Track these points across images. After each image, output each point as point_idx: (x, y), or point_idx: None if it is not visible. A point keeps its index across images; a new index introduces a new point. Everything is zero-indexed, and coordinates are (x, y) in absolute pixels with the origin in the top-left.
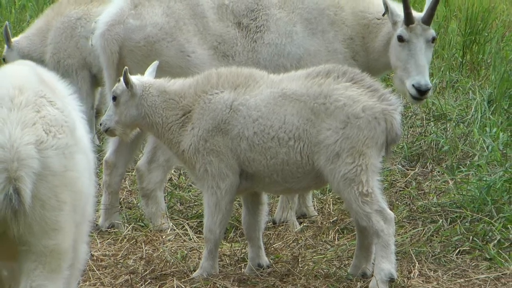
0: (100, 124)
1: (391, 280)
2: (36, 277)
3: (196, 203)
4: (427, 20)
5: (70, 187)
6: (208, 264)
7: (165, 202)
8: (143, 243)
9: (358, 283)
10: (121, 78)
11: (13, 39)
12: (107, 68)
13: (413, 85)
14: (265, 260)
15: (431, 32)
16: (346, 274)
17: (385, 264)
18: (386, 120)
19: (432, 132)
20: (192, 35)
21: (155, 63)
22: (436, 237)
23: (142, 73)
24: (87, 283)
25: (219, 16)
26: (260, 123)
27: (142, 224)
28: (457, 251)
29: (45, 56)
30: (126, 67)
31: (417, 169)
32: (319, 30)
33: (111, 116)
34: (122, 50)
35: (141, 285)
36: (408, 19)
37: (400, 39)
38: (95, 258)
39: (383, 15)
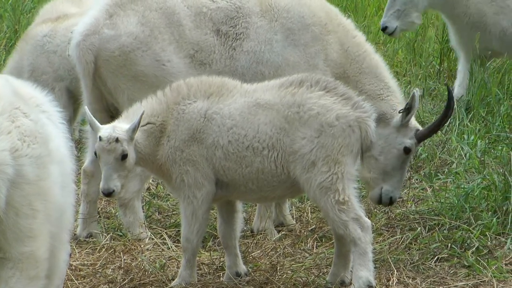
0: (103, 193)
1: (370, 286)
2: (13, 285)
3: (174, 212)
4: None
5: (43, 196)
6: (186, 273)
7: (143, 212)
8: (121, 253)
9: None
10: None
11: None
12: (83, 78)
13: (390, 197)
14: (243, 268)
15: None
16: (325, 282)
17: (363, 272)
18: (360, 127)
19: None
20: (167, 43)
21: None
22: (415, 244)
23: (118, 83)
24: None
25: (196, 24)
26: (235, 132)
27: (121, 234)
28: (435, 258)
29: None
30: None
31: None
32: (301, 43)
33: (115, 180)
34: (98, 60)
35: None
36: (424, 138)
37: (406, 151)
38: (73, 267)
39: (400, 112)
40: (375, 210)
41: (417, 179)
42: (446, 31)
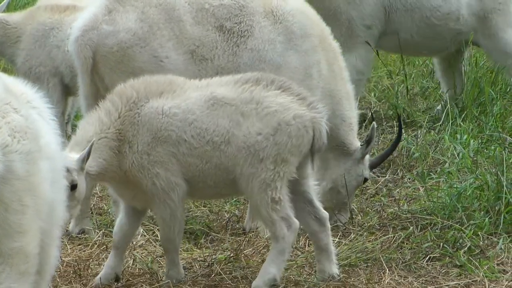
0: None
1: (274, 285)
2: (3, 280)
3: None
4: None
5: (33, 192)
6: (173, 271)
7: None
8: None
9: None
10: None
11: None
12: (81, 74)
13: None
14: (120, 270)
15: None
16: (316, 281)
17: (272, 269)
18: (314, 128)
19: (403, 139)
20: (166, 39)
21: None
22: (407, 244)
23: (116, 79)
24: None
25: (197, 19)
26: (196, 126)
27: (113, 230)
28: (427, 258)
29: (16, 58)
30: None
31: (387, 175)
32: (302, 49)
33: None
34: (96, 55)
35: None
36: (376, 167)
37: (365, 181)
38: (65, 263)
39: (361, 145)
40: (367, 209)
41: (409, 178)
42: None
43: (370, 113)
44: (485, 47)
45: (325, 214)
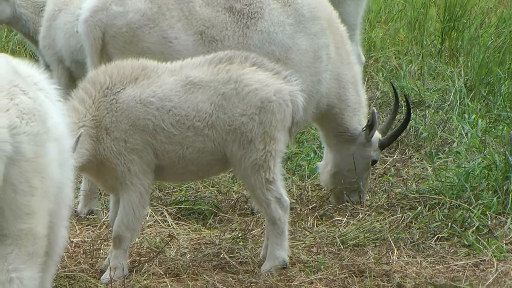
0: None
1: (284, 266)
2: (12, 261)
3: (175, 189)
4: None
5: (41, 173)
6: (120, 264)
7: None
8: None
9: (337, 269)
10: None
11: None
12: (90, 55)
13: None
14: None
15: None
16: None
17: (279, 252)
18: (293, 101)
19: (411, 118)
20: (175, 20)
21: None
22: (415, 223)
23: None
24: (66, 269)
25: (207, 0)
26: (175, 113)
27: None
28: (435, 237)
29: (38, 35)
30: None
31: (395, 155)
32: (311, 32)
33: None
34: (105, 36)
35: None
36: (387, 146)
37: (373, 162)
38: (74, 244)
39: (363, 130)
40: (376, 188)
41: (417, 158)
42: (447, 10)
43: (401, 97)
44: None
45: None
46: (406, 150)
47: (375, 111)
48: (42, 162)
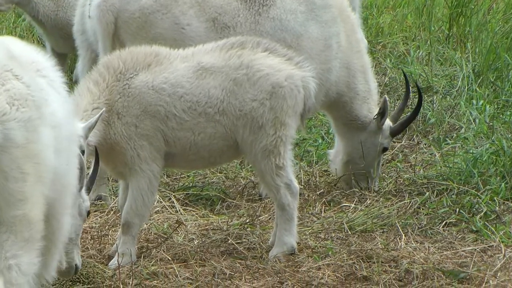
0: None
1: (292, 252)
2: (9, 247)
3: (183, 175)
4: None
5: (33, 159)
6: (128, 251)
7: None
8: None
9: (344, 255)
10: None
11: None
12: (102, 40)
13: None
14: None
15: None
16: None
17: (287, 238)
18: (304, 87)
19: None
20: (188, 7)
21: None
22: (423, 209)
23: (137, 45)
24: None
25: None
26: (186, 99)
27: None
28: (443, 223)
29: (47, 19)
30: None
31: (403, 141)
32: (323, 20)
33: None
34: (118, 21)
35: None
36: (398, 133)
37: (385, 150)
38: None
39: (374, 117)
40: (383, 174)
41: (425, 144)
42: None
43: (414, 85)
44: None
45: None
46: (414, 136)
47: (387, 98)
48: (35, 148)
